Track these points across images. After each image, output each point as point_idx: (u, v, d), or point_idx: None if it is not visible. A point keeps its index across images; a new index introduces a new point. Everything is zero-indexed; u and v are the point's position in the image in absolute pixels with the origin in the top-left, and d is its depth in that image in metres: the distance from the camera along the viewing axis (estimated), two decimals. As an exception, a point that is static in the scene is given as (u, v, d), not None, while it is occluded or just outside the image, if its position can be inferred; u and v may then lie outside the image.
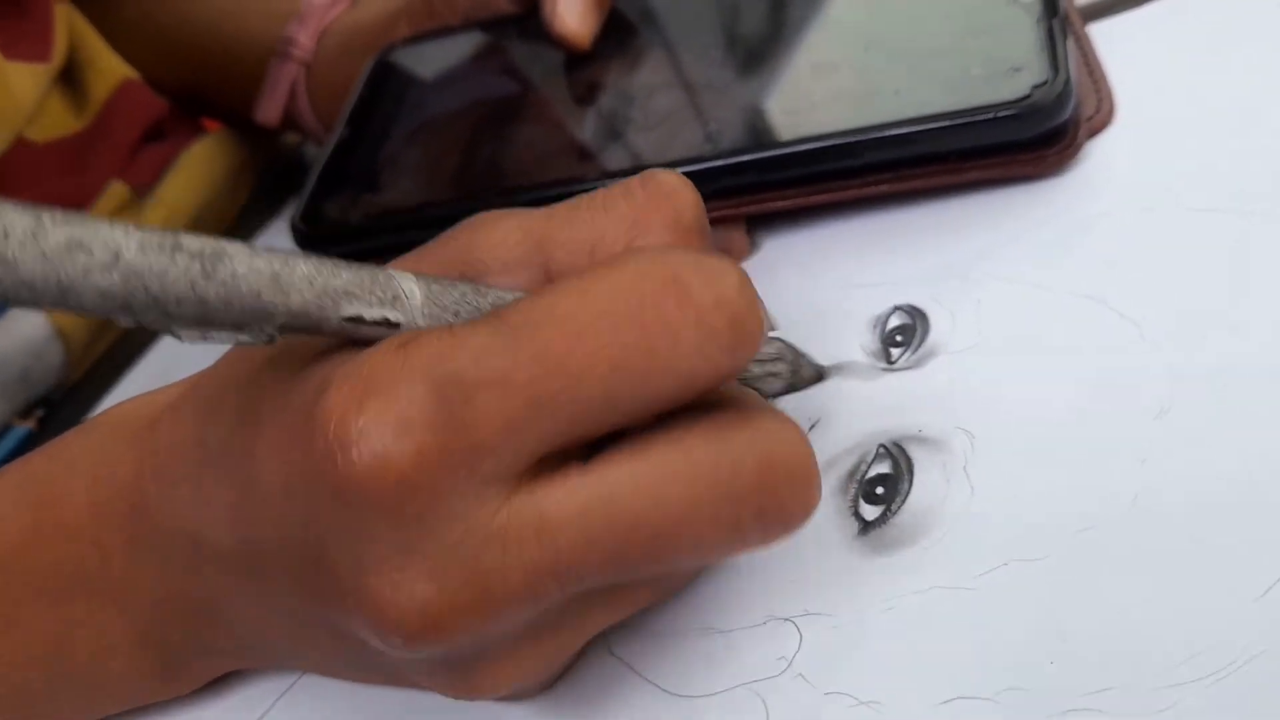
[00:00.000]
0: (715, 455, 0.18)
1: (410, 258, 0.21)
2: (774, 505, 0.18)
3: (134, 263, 0.16)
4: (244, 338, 0.17)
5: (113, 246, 0.16)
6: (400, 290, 0.18)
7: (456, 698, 0.20)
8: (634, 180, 0.21)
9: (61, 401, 0.40)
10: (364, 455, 0.17)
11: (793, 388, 0.24)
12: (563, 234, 0.21)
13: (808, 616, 0.22)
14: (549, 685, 0.22)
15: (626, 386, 0.17)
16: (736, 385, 0.21)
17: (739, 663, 0.21)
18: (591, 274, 0.18)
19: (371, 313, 0.18)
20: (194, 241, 0.16)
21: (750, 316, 0.18)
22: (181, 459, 0.22)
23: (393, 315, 0.18)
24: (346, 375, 0.17)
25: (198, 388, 0.23)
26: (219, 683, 0.26)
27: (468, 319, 0.19)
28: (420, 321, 0.19)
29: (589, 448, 0.18)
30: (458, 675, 0.19)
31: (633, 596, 0.21)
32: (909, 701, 0.20)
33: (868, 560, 0.22)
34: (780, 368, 0.23)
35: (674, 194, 0.21)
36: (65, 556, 0.23)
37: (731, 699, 0.21)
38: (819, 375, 0.25)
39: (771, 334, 0.23)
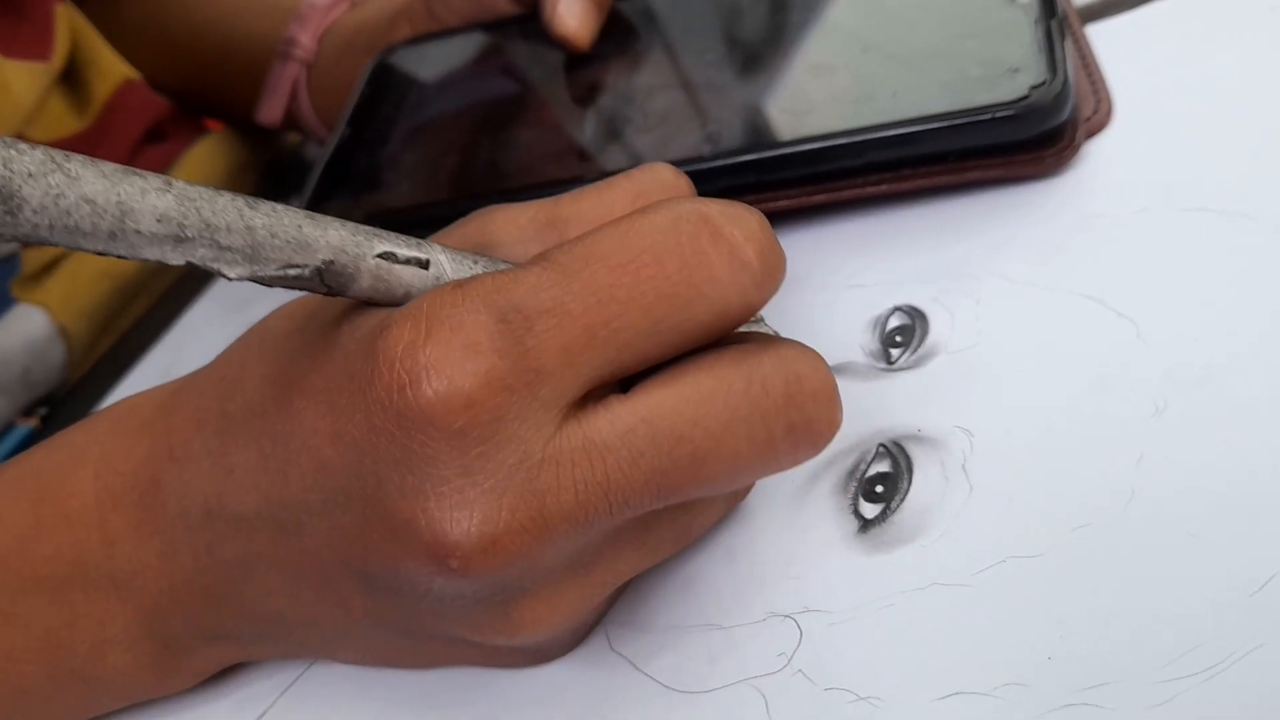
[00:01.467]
0: (746, 377, 0.19)
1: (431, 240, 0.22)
2: (802, 420, 0.19)
3: (185, 189, 0.17)
4: (291, 273, 0.18)
5: (163, 177, 0.17)
6: (423, 242, 0.20)
7: (493, 640, 0.20)
8: (634, 170, 0.23)
9: (63, 401, 0.40)
10: (435, 382, 0.18)
11: None
12: (571, 210, 0.22)
13: (808, 613, 0.22)
14: (578, 640, 0.23)
15: (669, 314, 0.18)
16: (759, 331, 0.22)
17: (739, 659, 0.22)
18: (628, 219, 0.19)
19: (403, 251, 0.19)
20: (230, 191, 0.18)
21: (773, 252, 0.19)
22: (199, 433, 0.22)
23: (421, 255, 0.19)
24: (407, 313, 0.18)
25: (211, 371, 0.23)
26: (219, 680, 0.26)
27: (488, 268, 0.20)
28: (446, 264, 0.20)
29: (624, 387, 0.19)
30: (499, 613, 0.20)
31: (660, 539, 0.21)
32: (908, 697, 0.20)
33: (867, 558, 0.22)
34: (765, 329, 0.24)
35: (672, 180, 0.23)
36: (66, 545, 0.23)
37: (732, 695, 0.21)
38: None
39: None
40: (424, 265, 0.19)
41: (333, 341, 0.20)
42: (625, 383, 0.19)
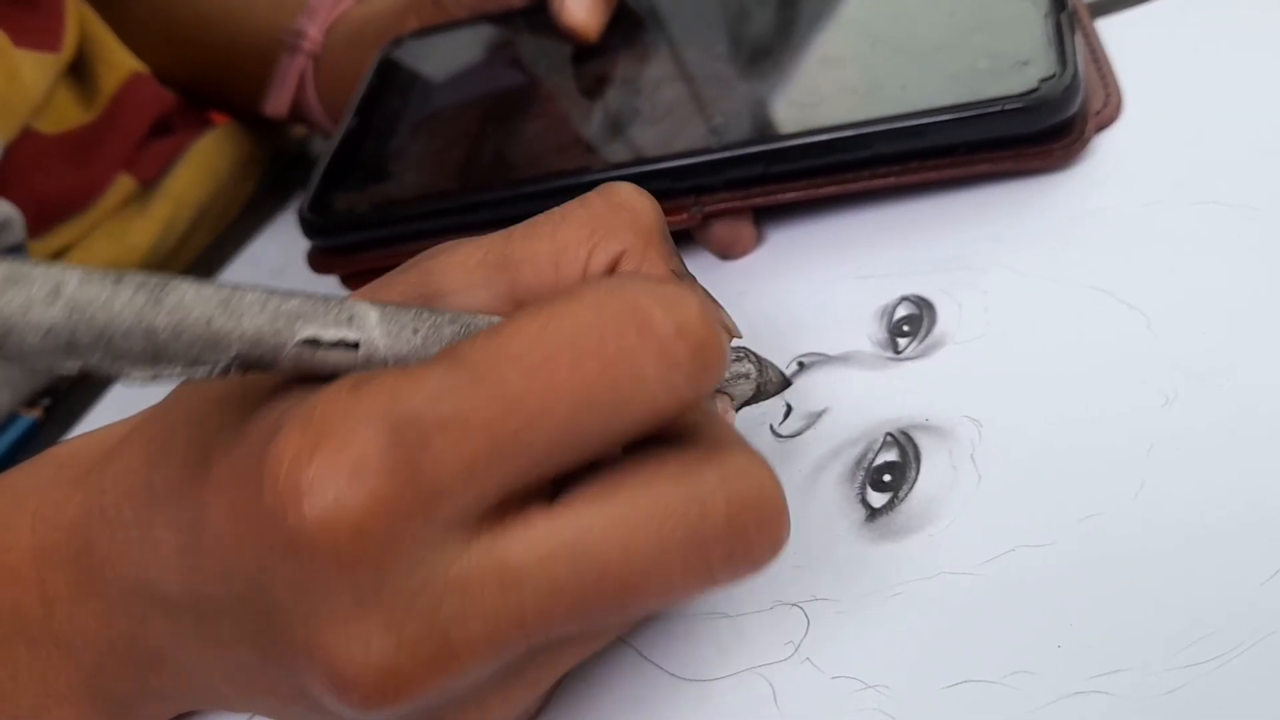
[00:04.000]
0: (685, 497, 0.17)
1: (368, 289, 0.21)
2: (743, 547, 0.18)
3: (77, 294, 0.15)
4: (199, 373, 0.16)
5: (53, 280, 0.15)
6: (354, 311, 0.18)
7: None
8: (591, 193, 0.21)
9: (67, 391, 0.40)
10: (316, 505, 0.16)
11: (761, 391, 0.24)
12: (523, 250, 0.20)
13: (815, 602, 0.22)
14: None
15: (590, 423, 0.17)
16: (705, 409, 0.21)
17: (747, 647, 0.22)
18: (548, 306, 0.17)
19: (328, 333, 0.17)
20: (137, 275, 0.16)
21: (713, 343, 0.17)
22: (129, 501, 0.21)
23: (350, 335, 0.18)
24: (297, 419, 0.17)
25: (147, 425, 0.22)
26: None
27: (429, 335, 0.18)
28: (379, 340, 0.18)
29: (556, 481, 0.18)
30: None
31: (600, 634, 0.20)
32: (916, 685, 0.20)
33: (875, 547, 0.22)
34: (746, 367, 0.23)
35: (632, 201, 0.21)
36: (6, 602, 0.22)
37: (740, 683, 0.21)
38: (785, 381, 0.25)
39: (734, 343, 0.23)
40: (353, 346, 0.18)
41: (246, 425, 0.18)
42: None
